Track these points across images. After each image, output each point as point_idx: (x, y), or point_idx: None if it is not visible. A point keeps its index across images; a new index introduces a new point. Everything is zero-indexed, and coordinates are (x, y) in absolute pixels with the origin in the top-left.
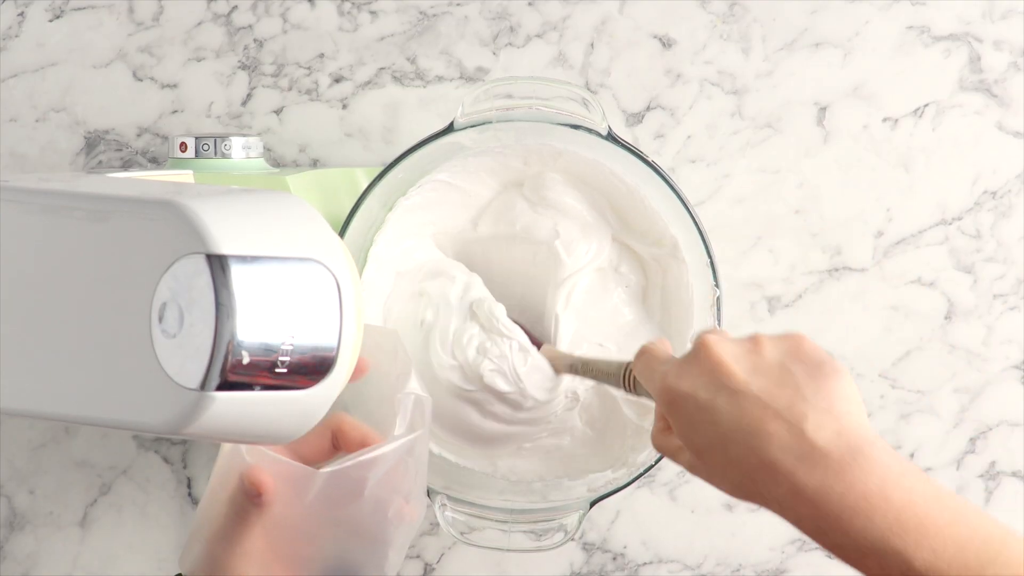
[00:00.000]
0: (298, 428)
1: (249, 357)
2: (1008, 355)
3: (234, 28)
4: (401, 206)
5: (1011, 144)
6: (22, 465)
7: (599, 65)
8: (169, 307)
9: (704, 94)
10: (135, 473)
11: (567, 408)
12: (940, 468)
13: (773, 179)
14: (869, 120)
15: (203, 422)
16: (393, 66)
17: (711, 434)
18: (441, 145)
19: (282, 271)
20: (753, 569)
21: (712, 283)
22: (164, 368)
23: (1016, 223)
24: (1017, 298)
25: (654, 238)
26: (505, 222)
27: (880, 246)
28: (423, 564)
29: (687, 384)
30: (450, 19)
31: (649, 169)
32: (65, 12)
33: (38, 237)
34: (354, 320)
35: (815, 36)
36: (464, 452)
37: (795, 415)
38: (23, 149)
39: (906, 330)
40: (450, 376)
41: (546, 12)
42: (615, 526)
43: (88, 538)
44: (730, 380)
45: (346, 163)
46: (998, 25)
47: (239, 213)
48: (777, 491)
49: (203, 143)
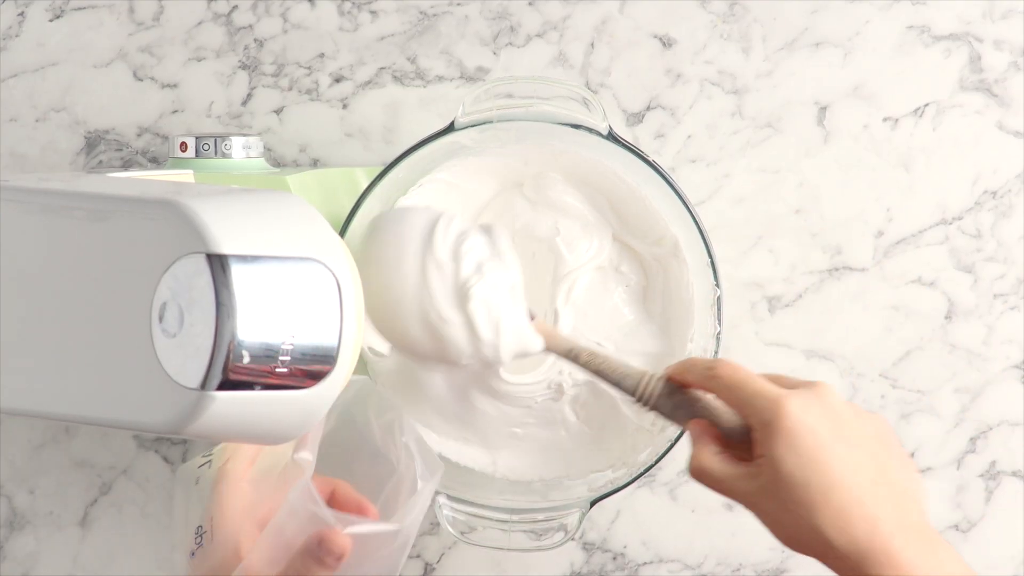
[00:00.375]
0: (298, 428)
1: (249, 357)
2: (1008, 355)
3: (234, 28)
4: (402, 206)
5: (1011, 144)
6: (22, 465)
7: (599, 65)
8: (169, 307)
9: (704, 94)
10: (135, 473)
11: (550, 399)
12: (940, 468)
13: (773, 179)
14: (869, 120)
15: (203, 422)
16: (393, 66)
17: (820, 477)
18: (441, 145)
19: (282, 271)
20: (753, 569)
21: (712, 283)
22: (164, 368)
23: (1016, 223)
24: (1017, 298)
25: (655, 238)
26: (505, 221)
27: (880, 246)
28: (423, 564)
29: (813, 418)
30: (450, 19)
31: (650, 169)
32: (65, 12)
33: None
34: (354, 320)
35: (815, 36)
36: (462, 452)
37: (903, 494)
38: (23, 149)
39: (906, 330)
40: (435, 286)
41: (546, 12)
42: (615, 526)
43: (88, 538)
44: (851, 433)
45: (346, 163)
46: (998, 25)
47: (239, 213)
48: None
49: (203, 143)
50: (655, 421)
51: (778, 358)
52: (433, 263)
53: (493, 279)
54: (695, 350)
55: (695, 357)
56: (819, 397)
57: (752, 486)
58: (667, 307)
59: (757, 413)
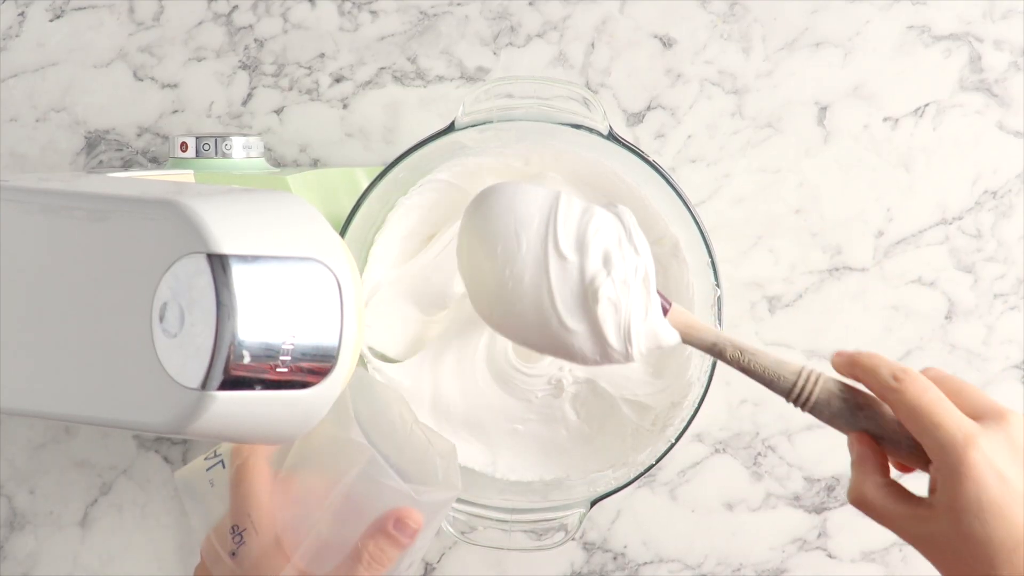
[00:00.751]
0: (299, 427)
1: (250, 356)
2: (1008, 355)
3: (235, 28)
4: (402, 206)
5: (1011, 144)
6: (22, 465)
7: (600, 65)
8: (170, 307)
9: (704, 94)
10: (135, 473)
11: (550, 395)
12: None
13: (773, 179)
14: (869, 120)
15: (204, 422)
16: (394, 66)
17: (1006, 532)
18: (442, 145)
19: (283, 270)
20: (753, 569)
21: (713, 283)
22: (165, 368)
23: (1016, 223)
24: (1017, 298)
25: (655, 237)
26: None
27: (880, 246)
28: (423, 564)
29: (1003, 463)
30: (451, 19)
31: (650, 169)
32: (65, 12)
33: (38, 237)
34: (355, 319)
35: (815, 36)
36: (463, 451)
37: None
38: (23, 149)
39: (906, 330)
40: (557, 287)
41: (547, 12)
42: (615, 526)
43: (88, 538)
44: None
45: (346, 163)
46: (998, 25)
47: (240, 213)
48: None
49: (204, 143)
50: (655, 421)
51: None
52: (556, 256)
53: (622, 271)
54: (695, 350)
55: (880, 355)
56: (1010, 438)
57: (924, 531)
58: None
59: (940, 451)
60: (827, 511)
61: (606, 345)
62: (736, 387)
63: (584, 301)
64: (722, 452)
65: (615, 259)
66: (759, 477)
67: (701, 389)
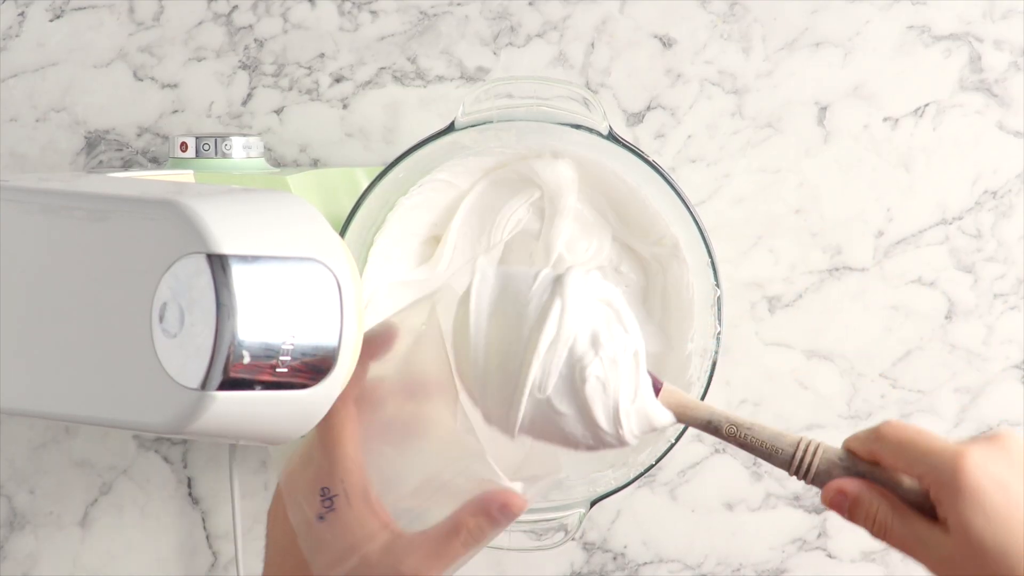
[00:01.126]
0: (299, 428)
1: (250, 357)
2: (1008, 355)
3: (234, 28)
4: (402, 206)
5: (1011, 144)
6: (22, 465)
7: (599, 65)
8: (170, 307)
9: (704, 94)
10: (135, 473)
11: None
12: None
13: (773, 179)
14: (869, 120)
15: (204, 422)
16: (394, 66)
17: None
18: (442, 145)
19: (283, 271)
20: (753, 569)
21: (713, 283)
22: (165, 368)
23: (1016, 223)
24: (1017, 298)
25: (655, 238)
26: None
27: (880, 246)
28: None
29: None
30: (450, 19)
31: (650, 169)
32: (65, 12)
33: (38, 237)
34: (355, 319)
35: (815, 36)
36: None
37: None
38: (23, 149)
39: (906, 330)
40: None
41: (546, 12)
42: (615, 526)
43: (88, 538)
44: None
45: (346, 163)
46: (998, 25)
47: (240, 213)
48: None
49: (203, 143)
50: None
51: (778, 358)
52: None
53: (611, 350)
54: (695, 350)
55: (892, 420)
56: (1004, 448)
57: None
58: (667, 307)
59: (932, 472)
60: (827, 511)
61: (596, 427)
62: (736, 387)
63: (572, 382)
64: (722, 452)
65: (603, 339)
66: (759, 477)
67: (701, 389)
